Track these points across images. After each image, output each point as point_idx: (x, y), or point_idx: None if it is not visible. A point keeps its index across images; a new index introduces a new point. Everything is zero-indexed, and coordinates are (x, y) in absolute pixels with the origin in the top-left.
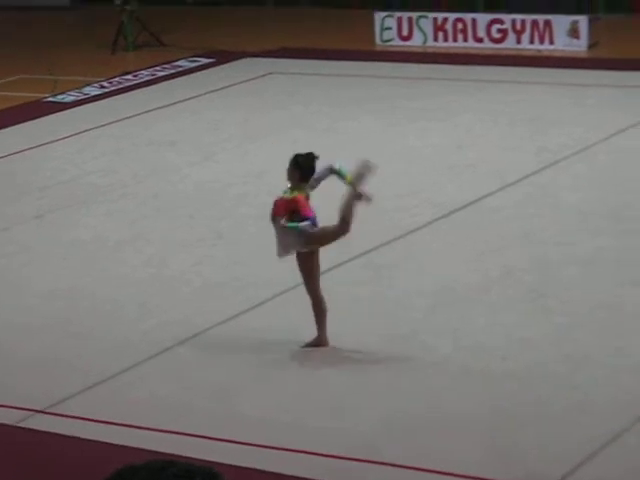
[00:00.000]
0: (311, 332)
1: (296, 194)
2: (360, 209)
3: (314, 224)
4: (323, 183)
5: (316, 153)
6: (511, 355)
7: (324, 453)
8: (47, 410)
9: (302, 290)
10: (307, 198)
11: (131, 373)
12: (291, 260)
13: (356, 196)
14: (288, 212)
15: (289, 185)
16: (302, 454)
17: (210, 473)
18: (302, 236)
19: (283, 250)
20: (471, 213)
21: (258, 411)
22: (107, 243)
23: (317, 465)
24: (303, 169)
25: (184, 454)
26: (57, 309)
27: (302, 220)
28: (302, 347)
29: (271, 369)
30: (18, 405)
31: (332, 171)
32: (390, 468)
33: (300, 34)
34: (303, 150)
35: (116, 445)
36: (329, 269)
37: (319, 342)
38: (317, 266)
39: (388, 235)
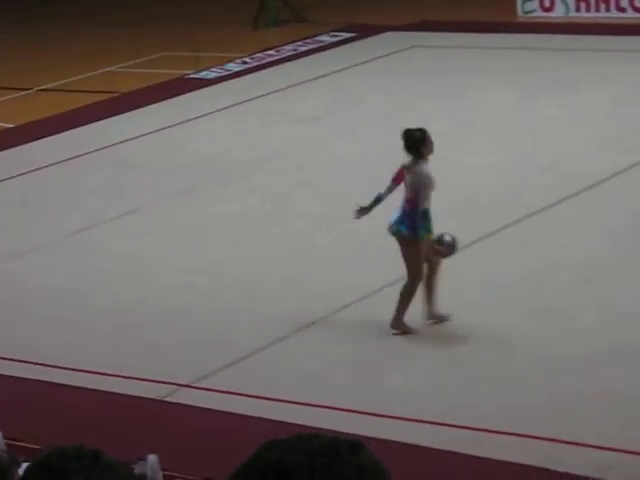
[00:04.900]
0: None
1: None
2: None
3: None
4: None
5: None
6: None
7: (468, 426)
8: (193, 384)
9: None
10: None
11: (276, 348)
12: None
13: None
14: None
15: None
16: (445, 427)
17: (355, 443)
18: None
19: None
20: (615, 185)
21: (401, 385)
22: (251, 218)
23: (461, 436)
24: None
25: (328, 427)
26: (202, 285)
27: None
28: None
29: (413, 343)
30: (165, 380)
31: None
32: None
33: (441, 7)
34: (449, 123)
35: (259, 418)
36: (474, 241)
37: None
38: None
39: (532, 207)
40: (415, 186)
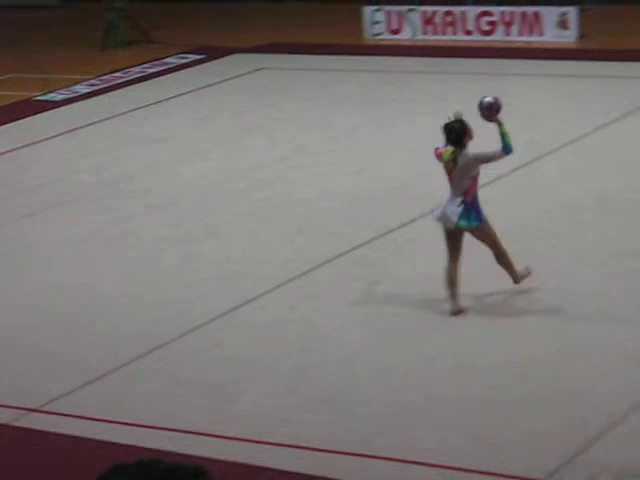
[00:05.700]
0: (298, 327)
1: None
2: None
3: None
4: None
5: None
6: (505, 347)
7: (316, 447)
8: (41, 408)
9: (292, 285)
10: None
11: (125, 369)
12: (282, 261)
13: None
14: None
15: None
16: (294, 448)
17: (198, 470)
18: None
19: None
20: None
21: (249, 406)
22: (99, 240)
23: (309, 459)
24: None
25: (177, 451)
26: (51, 306)
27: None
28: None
29: (263, 364)
30: (12, 404)
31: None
32: (377, 461)
33: (289, 29)
34: (293, 145)
35: (109, 442)
36: (320, 264)
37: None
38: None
39: (382, 229)
40: (471, 173)
